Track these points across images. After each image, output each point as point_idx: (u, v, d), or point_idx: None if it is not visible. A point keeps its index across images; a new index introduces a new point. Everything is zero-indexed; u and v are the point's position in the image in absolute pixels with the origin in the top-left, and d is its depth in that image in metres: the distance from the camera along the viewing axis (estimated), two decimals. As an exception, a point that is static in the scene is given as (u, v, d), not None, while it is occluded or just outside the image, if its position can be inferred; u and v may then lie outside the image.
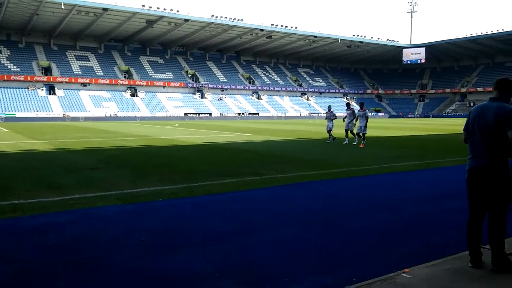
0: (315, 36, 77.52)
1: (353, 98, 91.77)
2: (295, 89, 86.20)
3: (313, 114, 79.41)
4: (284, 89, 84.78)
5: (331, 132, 18.34)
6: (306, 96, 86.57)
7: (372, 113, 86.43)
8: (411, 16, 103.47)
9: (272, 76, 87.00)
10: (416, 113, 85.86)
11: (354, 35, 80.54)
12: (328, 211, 5.96)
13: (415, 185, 8.23)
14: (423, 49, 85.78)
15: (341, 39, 79.42)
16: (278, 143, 18.07)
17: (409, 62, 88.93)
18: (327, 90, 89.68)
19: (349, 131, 17.39)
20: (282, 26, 73.54)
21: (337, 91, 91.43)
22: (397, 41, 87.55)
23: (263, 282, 3.46)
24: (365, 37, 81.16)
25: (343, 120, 17.77)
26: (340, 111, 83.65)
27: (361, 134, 16.25)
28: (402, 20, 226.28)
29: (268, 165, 10.50)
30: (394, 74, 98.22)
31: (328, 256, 4.11)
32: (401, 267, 3.66)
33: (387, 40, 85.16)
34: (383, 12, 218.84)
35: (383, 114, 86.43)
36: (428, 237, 4.71)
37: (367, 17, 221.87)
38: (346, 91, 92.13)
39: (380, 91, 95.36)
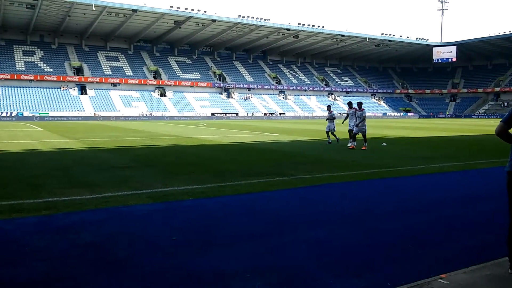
0: (343, 35, 76.70)
1: (381, 97, 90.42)
2: (322, 89, 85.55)
3: (340, 114, 78.56)
4: (311, 88, 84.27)
5: (334, 133, 17.13)
6: (333, 96, 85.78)
7: (402, 113, 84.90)
8: (442, 14, 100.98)
9: (299, 75, 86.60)
10: (447, 113, 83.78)
11: (382, 34, 79.25)
12: (359, 213, 5.87)
13: (449, 187, 8.02)
14: (454, 47, 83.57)
15: (369, 38, 78.31)
16: (306, 143, 17.96)
17: (439, 61, 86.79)
18: (354, 90, 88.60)
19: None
20: (309, 25, 73.14)
21: (365, 90, 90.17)
22: (427, 40, 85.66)
23: (295, 285, 3.43)
24: (393, 35, 79.75)
25: (343, 122, 16.47)
26: (369, 111, 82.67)
27: (361, 135, 15.10)
28: (432, 18, 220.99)
29: (296, 165, 10.44)
30: (424, 73, 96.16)
31: (360, 258, 4.04)
32: (437, 272, 3.55)
33: (417, 38, 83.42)
34: (413, 10, 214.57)
35: (413, 114, 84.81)
36: (464, 241, 4.57)
37: (396, 16, 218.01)
38: (375, 91, 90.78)
39: (410, 91, 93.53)
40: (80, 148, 14.89)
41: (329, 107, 18.10)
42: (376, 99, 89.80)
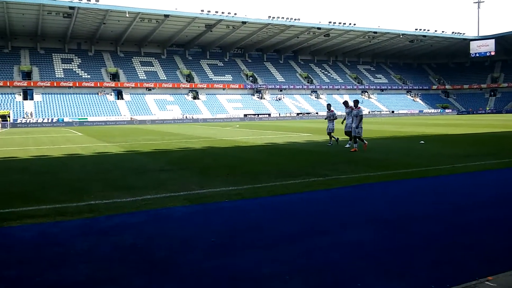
0: (375, 32, 75.36)
1: (417, 94, 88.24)
2: (355, 87, 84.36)
3: (375, 112, 77.24)
4: (343, 87, 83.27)
5: (332, 134, 15.97)
6: (367, 94, 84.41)
7: (439, 110, 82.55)
8: (478, 7, 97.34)
9: (331, 74, 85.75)
10: (487, 108, 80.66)
11: (416, 29, 77.27)
12: (398, 213, 5.74)
13: (492, 185, 7.72)
14: (492, 41, 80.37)
15: (402, 34, 76.54)
16: (340, 142, 17.72)
17: (477, 55, 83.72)
18: (389, 87, 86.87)
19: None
20: (340, 23, 72.32)
21: (400, 87, 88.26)
22: (464, 34, 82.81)
23: (336, 287, 3.40)
24: (428, 30, 77.60)
25: (342, 122, 15.36)
26: (405, 108, 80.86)
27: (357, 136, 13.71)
28: (468, 11, 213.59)
29: (331, 165, 10.34)
30: (462, 68, 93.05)
31: (401, 260, 3.95)
32: (483, 275, 3.43)
33: (453, 32, 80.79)
34: (447, 4, 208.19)
35: (450, 110, 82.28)
36: (510, 242, 4.39)
37: (430, 10, 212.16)
38: (410, 87, 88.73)
39: (447, 86, 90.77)
40: (118, 151, 15.29)
41: (329, 105, 16.84)
42: (412, 96, 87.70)
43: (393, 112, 78.91)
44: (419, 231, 4.85)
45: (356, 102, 14.27)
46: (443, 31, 79.31)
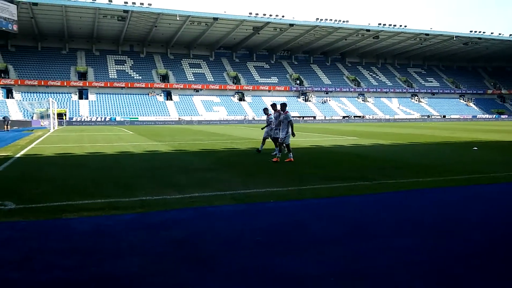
0: (427, 34, 72.97)
1: (471, 99, 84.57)
2: (404, 90, 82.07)
3: (425, 117, 74.79)
4: (392, 90, 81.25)
5: (264, 141, 14.55)
6: (417, 97, 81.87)
7: (494, 115, 78.69)
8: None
9: (379, 77, 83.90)
10: (547, 114, 75.95)
11: (471, 31, 74.00)
12: (448, 221, 5.56)
13: (551, 196, 7.30)
14: (555, 43, 75.59)
15: (456, 36, 73.61)
16: (388, 147, 17.35)
17: (538, 58, 78.99)
18: (440, 91, 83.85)
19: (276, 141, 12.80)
20: (390, 25, 70.65)
21: (452, 91, 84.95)
22: (523, 36, 78.43)
23: (381, 291, 3.37)
24: (484, 32, 74.05)
25: (262, 128, 14.19)
26: (458, 113, 77.68)
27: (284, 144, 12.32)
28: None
29: (378, 170, 10.15)
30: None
31: (451, 269, 3.84)
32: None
33: (510, 35, 76.69)
34: (504, 5, 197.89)
35: (506, 116, 78.15)
36: None
37: (486, 12, 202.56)
38: (463, 91, 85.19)
39: (503, 91, 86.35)
40: (167, 150, 15.77)
41: (266, 110, 14.53)
42: (465, 101, 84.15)
43: (444, 116, 76.07)
44: (470, 240, 4.69)
45: (283, 105, 12.48)
46: (500, 34, 75.51)
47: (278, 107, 12.75)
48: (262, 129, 14.47)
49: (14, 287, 3.45)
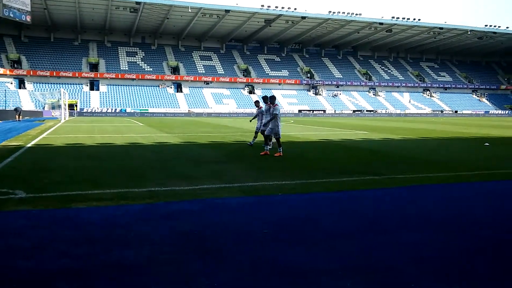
0: (441, 28, 72.01)
1: (484, 94, 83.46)
2: (416, 85, 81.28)
3: (437, 112, 74.06)
4: (404, 84, 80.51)
5: (255, 134, 14.19)
6: (429, 92, 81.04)
7: (507, 111, 77.66)
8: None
9: (391, 71, 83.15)
10: None
11: (486, 25, 72.84)
12: (459, 216, 5.50)
13: None
14: None
15: (471, 30, 72.52)
16: (398, 141, 17.22)
17: (554, 53, 77.54)
18: (453, 86, 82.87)
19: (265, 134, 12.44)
20: (403, 18, 69.80)
21: (465, 86, 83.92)
22: (540, 30, 77.02)
23: (391, 287, 3.34)
24: (499, 27, 72.86)
25: (251, 120, 13.80)
26: (470, 108, 76.76)
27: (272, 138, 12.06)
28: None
29: (388, 164, 10.08)
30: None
31: (461, 265, 3.80)
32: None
33: (527, 29, 75.43)
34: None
35: (520, 112, 77.07)
36: None
37: (501, 6, 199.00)
38: (476, 87, 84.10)
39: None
40: (176, 142, 15.83)
41: (257, 102, 14.33)
42: (478, 96, 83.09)
43: (456, 112, 75.26)
44: (481, 236, 4.64)
45: (273, 98, 12.23)
46: (516, 28, 74.29)
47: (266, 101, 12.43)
48: (250, 121, 14.25)
49: (25, 275, 3.48)
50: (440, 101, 78.67)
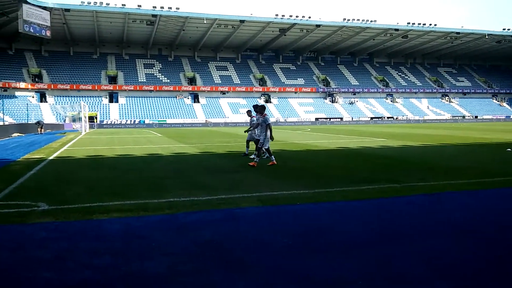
0: (458, 33, 71.15)
1: (504, 98, 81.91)
2: (434, 90, 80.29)
3: (457, 117, 72.92)
4: (422, 90, 79.62)
5: (249, 144, 13.99)
6: (447, 98, 79.91)
7: (529, 115, 75.98)
8: None
9: (408, 77, 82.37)
10: None
11: (504, 29, 71.68)
12: (481, 225, 5.39)
13: None
14: None
15: (488, 34, 71.45)
16: (417, 148, 17.00)
17: None
18: (472, 91, 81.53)
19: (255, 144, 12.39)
20: (419, 24, 69.26)
21: (484, 91, 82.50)
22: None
23: (412, 296, 3.29)
24: (518, 30, 71.61)
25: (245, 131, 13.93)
26: (490, 113, 75.37)
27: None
28: None
29: (407, 172, 9.96)
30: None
31: (480, 274, 3.72)
32: None
33: (547, 32, 73.90)
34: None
35: (542, 116, 75.30)
36: None
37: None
38: (496, 91, 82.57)
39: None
40: (194, 152, 15.94)
41: (249, 112, 14.15)
42: (498, 101, 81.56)
43: (476, 117, 73.95)
44: (506, 246, 4.53)
45: (261, 108, 11.91)
46: (536, 31, 72.96)
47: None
48: (245, 132, 14.11)
49: (46, 286, 3.54)
50: (459, 107, 77.47)
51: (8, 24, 56.81)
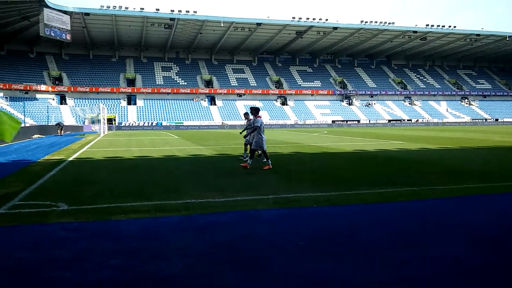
0: (478, 35, 69.95)
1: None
2: (454, 93, 79.04)
3: (477, 120, 71.62)
4: (441, 93, 78.47)
5: (248, 148, 13.05)
6: (467, 100, 78.57)
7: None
8: None
9: (427, 79, 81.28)
10: None
11: (527, 30, 70.07)
12: (501, 230, 5.28)
13: None
14: None
15: (509, 36, 70.04)
16: (436, 151, 16.75)
17: None
18: (493, 93, 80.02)
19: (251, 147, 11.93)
20: (438, 26, 68.33)
21: (505, 93, 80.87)
22: None
23: (429, 301, 3.25)
24: (540, 31, 69.87)
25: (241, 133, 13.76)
26: (510, 116, 73.79)
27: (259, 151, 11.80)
28: None
29: (426, 175, 9.82)
30: None
31: (499, 280, 3.64)
32: None
33: None
34: None
35: None
36: None
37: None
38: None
39: None
40: (211, 154, 16.02)
41: (246, 114, 13.95)
42: (521, 103, 79.79)
43: (497, 120, 72.51)
44: (527, 250, 4.43)
45: (255, 110, 11.87)
46: (559, 32, 71.17)
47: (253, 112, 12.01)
48: (240, 133, 14.14)
49: (65, 285, 3.61)
50: (479, 109, 76.11)
51: (30, 28, 58.09)
